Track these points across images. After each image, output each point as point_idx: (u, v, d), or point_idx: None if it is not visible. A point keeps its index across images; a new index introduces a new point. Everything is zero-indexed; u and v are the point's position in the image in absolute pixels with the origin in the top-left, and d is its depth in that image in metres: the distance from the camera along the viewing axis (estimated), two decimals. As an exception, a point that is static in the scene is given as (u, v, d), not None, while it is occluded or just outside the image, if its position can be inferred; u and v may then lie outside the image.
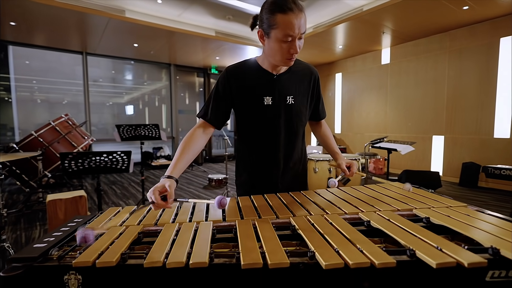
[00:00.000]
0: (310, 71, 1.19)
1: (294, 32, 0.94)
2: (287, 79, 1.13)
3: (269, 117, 1.12)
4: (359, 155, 4.11)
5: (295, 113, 1.15)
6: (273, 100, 1.12)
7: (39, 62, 7.77)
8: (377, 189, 1.18)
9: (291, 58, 1.02)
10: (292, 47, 0.97)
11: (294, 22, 0.92)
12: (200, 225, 0.76)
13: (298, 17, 0.92)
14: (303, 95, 1.16)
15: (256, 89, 1.12)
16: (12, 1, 3.81)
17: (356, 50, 6.38)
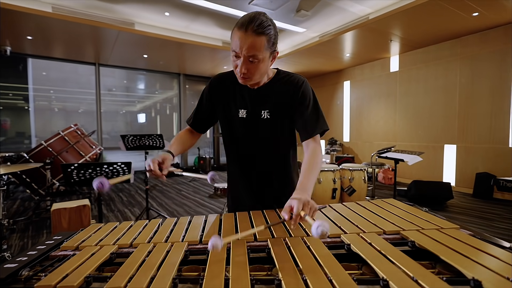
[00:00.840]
0: (293, 82, 1.08)
1: (237, 49, 0.91)
2: (265, 92, 1.08)
3: (244, 130, 1.12)
4: (365, 165, 4.02)
5: (272, 128, 1.09)
6: (247, 113, 1.10)
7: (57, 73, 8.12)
8: (370, 206, 1.14)
9: (241, 77, 0.98)
10: (240, 65, 0.94)
11: (240, 40, 0.90)
12: (174, 246, 0.75)
13: (247, 38, 0.89)
14: (282, 109, 1.08)
15: (234, 101, 1.12)
16: (28, 16, 4.00)
17: (364, 58, 6.32)
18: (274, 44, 0.97)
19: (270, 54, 0.97)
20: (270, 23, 0.93)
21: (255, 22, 0.88)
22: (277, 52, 1.01)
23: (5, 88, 7.16)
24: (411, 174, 5.65)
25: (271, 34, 0.93)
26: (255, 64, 0.94)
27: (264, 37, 0.90)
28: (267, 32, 0.91)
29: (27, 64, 7.38)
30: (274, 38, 0.96)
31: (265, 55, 0.94)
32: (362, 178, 3.47)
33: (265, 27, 0.90)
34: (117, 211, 3.99)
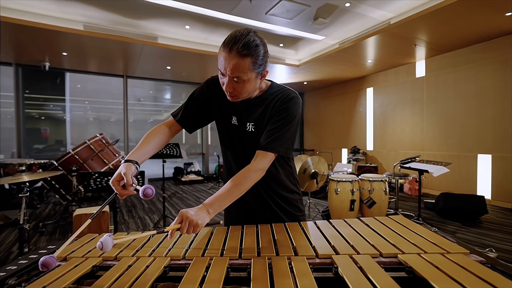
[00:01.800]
0: (280, 97, 1.03)
1: (222, 69, 0.90)
2: (252, 105, 1.06)
3: (235, 136, 1.10)
4: (387, 176, 3.82)
5: (257, 140, 1.04)
6: (238, 122, 1.09)
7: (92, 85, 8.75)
8: (373, 223, 1.06)
9: (228, 95, 0.96)
10: (225, 84, 0.93)
11: (224, 60, 0.88)
12: (155, 260, 0.74)
13: (232, 59, 0.86)
14: (265, 123, 1.03)
15: (228, 106, 1.10)
16: (62, 34, 4.35)
17: (388, 64, 6.10)
18: (262, 64, 0.93)
19: (257, 74, 0.93)
20: (258, 42, 0.89)
21: (240, 42, 0.85)
22: (266, 71, 0.98)
23: (46, 100, 7.82)
24: (440, 186, 5.28)
25: (258, 55, 0.89)
26: (240, 84, 0.92)
27: (249, 58, 0.87)
28: (253, 53, 0.87)
29: (64, 78, 8.03)
30: (262, 59, 0.92)
31: (250, 76, 0.91)
32: (383, 189, 3.29)
33: (251, 48, 0.86)
34: (137, 217, 4.12)
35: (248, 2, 3.81)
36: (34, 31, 4.19)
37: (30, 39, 4.60)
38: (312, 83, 8.17)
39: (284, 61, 6.26)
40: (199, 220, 0.76)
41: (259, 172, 0.95)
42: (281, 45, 5.56)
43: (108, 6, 3.99)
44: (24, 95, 6.68)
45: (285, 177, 1.16)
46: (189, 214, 0.76)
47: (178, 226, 0.75)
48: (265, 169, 0.97)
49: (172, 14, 4.22)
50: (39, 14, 4.06)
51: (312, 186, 3.54)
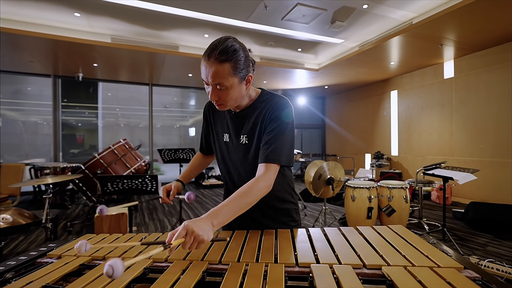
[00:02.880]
0: (271, 105, 1.01)
1: (203, 78, 0.91)
2: (243, 117, 1.06)
3: (227, 154, 1.12)
4: (409, 182, 3.63)
5: (253, 153, 1.04)
6: (230, 138, 1.10)
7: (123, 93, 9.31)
8: (368, 233, 1.02)
9: (215, 104, 0.98)
10: (210, 93, 0.94)
11: (205, 69, 0.89)
12: (137, 262, 0.77)
13: (209, 66, 0.88)
14: (257, 134, 1.02)
15: (219, 125, 1.15)
16: (92, 47, 4.68)
17: (413, 65, 5.83)
18: (244, 69, 0.93)
19: (240, 80, 0.94)
20: (236, 47, 0.90)
21: (217, 49, 0.86)
22: (250, 75, 0.98)
23: (82, 107, 8.45)
24: (472, 194, 4.90)
25: (237, 60, 0.90)
26: (224, 91, 0.92)
27: (227, 64, 0.88)
28: (231, 58, 0.88)
29: (97, 87, 8.63)
30: (244, 63, 0.93)
31: (232, 82, 0.91)
32: (403, 197, 3.13)
33: (229, 53, 0.87)
34: (157, 220, 4.27)
35: (263, 8, 3.86)
36: (67, 45, 4.55)
37: (64, 52, 5.01)
38: (333, 87, 8.02)
39: (303, 66, 6.22)
40: (205, 236, 0.70)
41: (267, 183, 0.93)
42: (299, 49, 5.54)
43: (133, 19, 4.24)
44: (62, 103, 7.26)
45: (279, 186, 1.13)
46: (195, 228, 0.69)
47: (182, 240, 0.68)
48: (272, 182, 0.95)
49: (191, 24, 4.38)
50: (71, 29, 4.41)
51: (328, 192, 3.45)
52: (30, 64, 5.70)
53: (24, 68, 6.05)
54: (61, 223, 4.00)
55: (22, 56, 5.19)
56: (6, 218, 2.09)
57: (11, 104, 7.70)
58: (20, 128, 7.80)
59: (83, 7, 3.85)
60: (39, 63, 5.67)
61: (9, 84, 7.54)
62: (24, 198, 5.80)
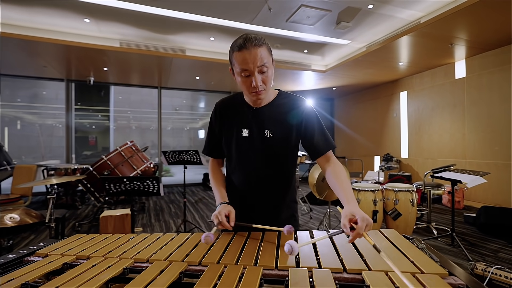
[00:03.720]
0: (295, 102, 1.14)
1: (249, 66, 0.98)
2: (266, 112, 1.12)
3: (246, 148, 1.14)
4: (417, 186, 3.53)
5: (275, 146, 1.11)
6: (251, 132, 1.13)
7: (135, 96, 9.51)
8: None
9: (256, 92, 1.03)
10: (252, 81, 1.00)
11: (247, 58, 0.96)
12: (119, 261, 0.78)
13: (252, 53, 0.96)
14: (285, 128, 1.11)
15: (236, 121, 1.16)
16: (102, 51, 4.81)
17: (422, 66, 5.70)
18: (271, 53, 1.05)
19: (273, 62, 1.06)
20: (261, 36, 1.02)
21: (251, 39, 0.97)
22: (273, 60, 1.07)
23: (95, 111, 8.70)
24: (485, 198, 4.73)
25: (267, 44, 1.03)
26: (266, 73, 1.01)
27: (264, 46, 1.00)
28: (264, 41, 1.01)
29: (109, 90, 8.84)
30: (269, 47, 1.05)
31: (271, 61, 1.03)
32: (410, 200, 3.04)
33: (260, 40, 0.99)
34: (163, 221, 4.32)
35: (267, 11, 3.87)
36: (78, 50, 4.69)
37: (76, 57, 5.17)
38: (342, 89, 7.93)
39: (310, 67, 6.18)
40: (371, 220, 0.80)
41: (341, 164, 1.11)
42: (305, 51, 5.52)
43: (140, 24, 4.33)
44: (76, 106, 7.48)
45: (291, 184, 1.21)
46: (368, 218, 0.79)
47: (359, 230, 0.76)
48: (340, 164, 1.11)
49: (197, 27, 4.44)
50: (82, 34, 4.55)
51: (332, 195, 3.40)
52: (44, 69, 5.90)
53: (38, 73, 6.27)
54: (70, 223, 4.10)
55: (36, 61, 5.38)
56: (14, 217, 2.17)
57: (29, 108, 8.00)
58: (37, 130, 8.09)
59: (92, 13, 3.97)
60: (52, 68, 5.87)
61: (27, 89, 7.84)
62: (38, 198, 6.00)
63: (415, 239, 0.98)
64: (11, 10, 3.86)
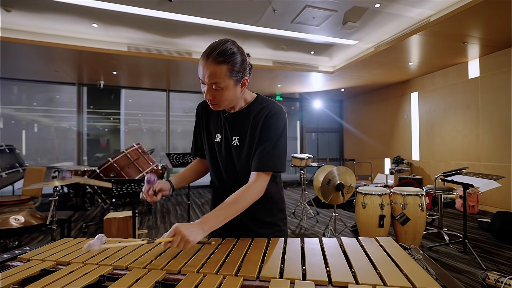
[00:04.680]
0: (265, 111, 1.03)
1: (200, 77, 0.93)
2: (237, 118, 1.07)
3: (218, 154, 1.11)
4: (427, 189, 3.41)
5: (242, 155, 1.05)
6: (222, 138, 1.09)
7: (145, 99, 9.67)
8: (350, 245, 0.94)
9: (209, 103, 0.99)
10: (205, 92, 0.95)
11: (202, 68, 0.91)
12: (97, 268, 0.76)
13: (206, 66, 0.90)
14: (251, 136, 1.03)
15: (212, 125, 1.14)
16: (110, 56, 4.90)
17: (433, 65, 5.53)
18: (240, 72, 0.95)
19: (236, 82, 0.95)
20: (234, 50, 0.93)
21: (216, 50, 0.89)
22: (246, 79, 0.99)
23: (107, 114, 8.89)
24: (501, 203, 4.51)
25: (234, 62, 0.92)
26: (219, 92, 0.94)
27: (225, 65, 0.90)
28: (229, 60, 0.90)
29: (120, 94, 9.02)
30: (240, 66, 0.94)
31: (228, 83, 0.93)
32: (419, 204, 2.93)
33: (227, 55, 0.90)
34: (168, 223, 4.33)
35: (272, 12, 3.84)
36: (87, 54, 4.80)
37: (85, 61, 5.29)
38: (351, 90, 7.80)
39: (318, 69, 6.11)
40: (191, 237, 0.78)
41: (257, 191, 0.97)
42: (312, 52, 5.45)
43: (147, 28, 4.38)
44: (88, 110, 7.68)
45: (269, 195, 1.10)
46: (183, 229, 0.78)
47: (171, 239, 0.77)
48: (263, 190, 0.98)
49: (203, 30, 4.45)
50: (90, 39, 4.64)
51: (338, 199, 3.32)
52: (56, 73, 6.07)
53: (51, 77, 6.45)
54: (78, 224, 4.17)
55: (49, 66, 5.53)
56: (19, 219, 2.21)
57: (45, 112, 8.26)
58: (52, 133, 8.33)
59: (100, 18, 4.04)
60: (63, 72, 6.02)
61: (43, 93, 8.09)
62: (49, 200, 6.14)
63: (412, 248, 0.92)
64: (24, 17, 3.98)
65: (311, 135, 9.57)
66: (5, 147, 4.44)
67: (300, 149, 9.37)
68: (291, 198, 6.36)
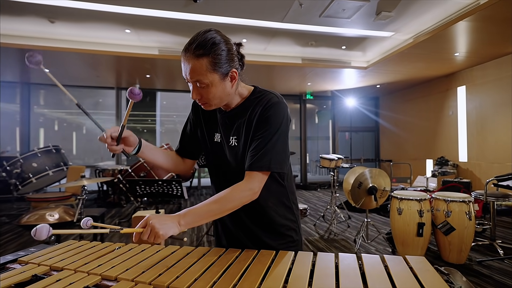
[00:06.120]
0: (262, 103, 0.91)
1: (183, 74, 0.84)
2: (233, 116, 0.96)
3: (219, 154, 1.00)
4: (476, 195, 3.01)
5: (240, 156, 0.94)
6: (221, 138, 0.99)
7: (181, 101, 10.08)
8: (371, 263, 0.80)
9: (200, 103, 0.89)
10: (191, 92, 0.86)
11: (183, 65, 0.83)
12: (87, 277, 0.72)
13: (186, 62, 0.81)
14: (244, 135, 0.93)
15: (209, 124, 1.03)
16: (143, 60, 5.11)
17: (484, 55, 4.93)
18: (226, 63, 0.84)
19: (222, 76, 0.84)
20: (216, 40, 0.82)
21: (194, 43, 0.80)
22: (234, 71, 0.87)
23: (145, 115, 9.41)
24: None
25: (216, 54, 0.81)
26: (205, 89, 0.84)
27: (205, 58, 0.80)
28: (209, 52, 0.80)
29: (155, 96, 9.47)
30: (226, 57, 0.84)
31: (212, 79, 0.83)
32: (466, 212, 2.58)
33: (206, 47, 0.80)
34: (196, 222, 4.38)
35: (298, 7, 3.68)
36: (124, 59, 5.06)
37: (121, 66, 5.59)
38: (387, 86, 7.29)
39: (350, 64, 5.79)
40: (161, 230, 0.72)
41: (247, 192, 0.85)
42: (343, 47, 5.17)
43: (176, 30, 4.48)
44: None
45: (275, 200, 0.99)
46: (154, 221, 0.73)
47: (141, 230, 0.74)
48: (255, 191, 0.86)
49: (229, 30, 4.43)
50: (124, 44, 4.88)
51: (371, 203, 3.07)
52: (97, 78, 6.51)
53: (93, 83, 6.95)
54: (113, 220, 4.40)
55: (91, 71, 5.95)
56: (53, 215, 2.34)
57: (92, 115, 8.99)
58: (97, 135, 9.04)
59: (132, 24, 4.22)
60: (104, 77, 6.44)
61: (91, 98, 8.78)
62: (92, 196, 6.60)
63: (452, 273, 0.74)
64: (66, 27, 4.29)
65: (344, 134, 9.14)
66: (52, 148, 4.85)
67: (332, 150, 9.01)
68: (322, 200, 6.11)
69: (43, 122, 8.22)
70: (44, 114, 8.31)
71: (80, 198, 2.09)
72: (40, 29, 4.35)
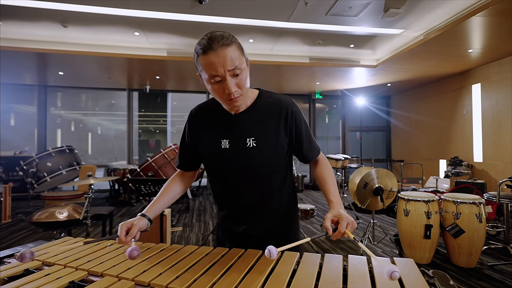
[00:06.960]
0: (279, 105, 0.99)
1: (218, 71, 0.83)
2: (246, 118, 0.97)
3: (228, 161, 0.99)
4: (489, 197, 2.90)
5: (260, 156, 0.96)
6: (231, 143, 0.98)
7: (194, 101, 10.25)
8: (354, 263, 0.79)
9: (231, 100, 0.88)
10: (226, 87, 0.85)
11: (214, 61, 0.82)
12: (73, 272, 0.74)
13: (220, 54, 0.82)
14: (270, 134, 0.97)
15: (214, 131, 1.01)
16: (152, 61, 5.21)
17: (501, 51, 4.74)
18: (243, 50, 0.91)
19: (246, 61, 0.92)
20: (228, 33, 0.88)
21: (217, 38, 0.84)
22: (247, 59, 0.93)
23: (157, 116, 9.58)
24: None
25: (236, 41, 0.88)
26: (239, 77, 0.86)
27: (234, 45, 0.86)
28: (233, 39, 0.87)
29: (166, 97, 9.63)
30: (240, 44, 0.90)
31: (243, 62, 0.88)
32: (476, 214, 2.49)
33: (228, 38, 0.85)
34: (203, 221, 4.43)
35: (304, 6, 3.66)
36: (134, 61, 5.18)
37: (133, 68, 5.71)
38: (398, 84, 7.12)
39: (359, 63, 5.70)
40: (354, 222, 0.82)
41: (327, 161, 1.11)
42: (351, 46, 5.09)
43: (183, 32, 4.54)
44: (139, 113, 8.36)
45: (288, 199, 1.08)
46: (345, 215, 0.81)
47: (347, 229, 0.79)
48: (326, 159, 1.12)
49: (236, 30, 4.45)
50: (134, 47, 4.99)
51: (377, 204, 3.01)
52: (109, 80, 6.69)
53: (105, 84, 7.14)
54: (123, 219, 4.50)
55: (103, 73, 6.11)
56: (63, 212, 2.43)
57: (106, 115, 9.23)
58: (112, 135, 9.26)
59: (141, 26, 4.31)
60: (115, 79, 6.61)
61: (105, 99, 9.03)
62: (104, 195, 6.78)
63: (440, 277, 0.72)
64: (78, 31, 4.43)
65: (355, 134, 9.00)
66: (65, 148, 5.02)
67: (342, 149, 8.88)
68: (330, 200, 6.03)
69: (60, 123, 8.51)
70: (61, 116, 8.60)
71: (87, 197, 2.16)
72: (54, 34, 4.51)
